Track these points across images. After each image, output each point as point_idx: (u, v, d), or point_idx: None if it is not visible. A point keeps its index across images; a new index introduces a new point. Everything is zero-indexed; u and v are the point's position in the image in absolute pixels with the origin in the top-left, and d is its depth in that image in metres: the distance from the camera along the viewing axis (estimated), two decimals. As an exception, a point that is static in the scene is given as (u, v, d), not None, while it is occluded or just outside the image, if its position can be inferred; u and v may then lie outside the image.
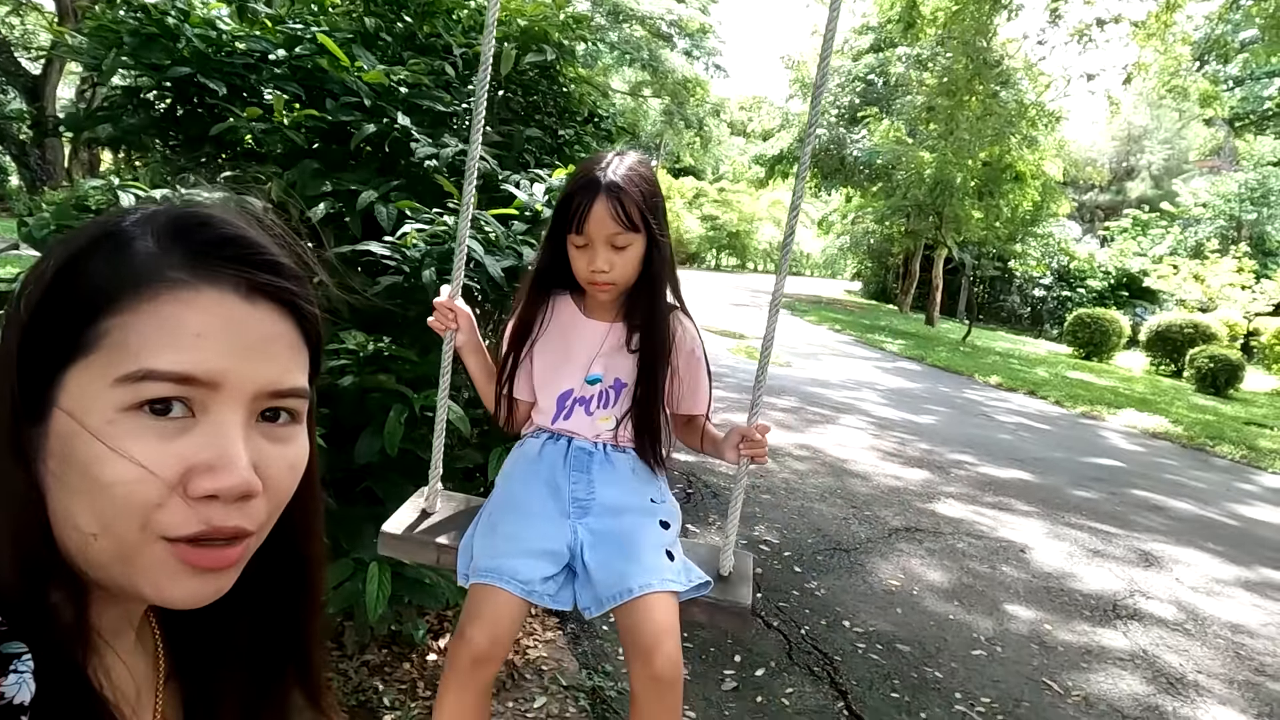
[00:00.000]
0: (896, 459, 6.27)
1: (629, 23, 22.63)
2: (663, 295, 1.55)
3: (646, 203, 1.45)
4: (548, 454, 1.59)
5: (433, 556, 1.66)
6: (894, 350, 15.05)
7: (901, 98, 19.84)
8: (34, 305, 0.48)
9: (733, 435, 1.57)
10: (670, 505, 1.62)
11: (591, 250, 1.45)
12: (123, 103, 3.06)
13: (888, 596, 3.60)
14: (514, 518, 1.54)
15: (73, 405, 0.47)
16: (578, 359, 1.57)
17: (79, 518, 0.47)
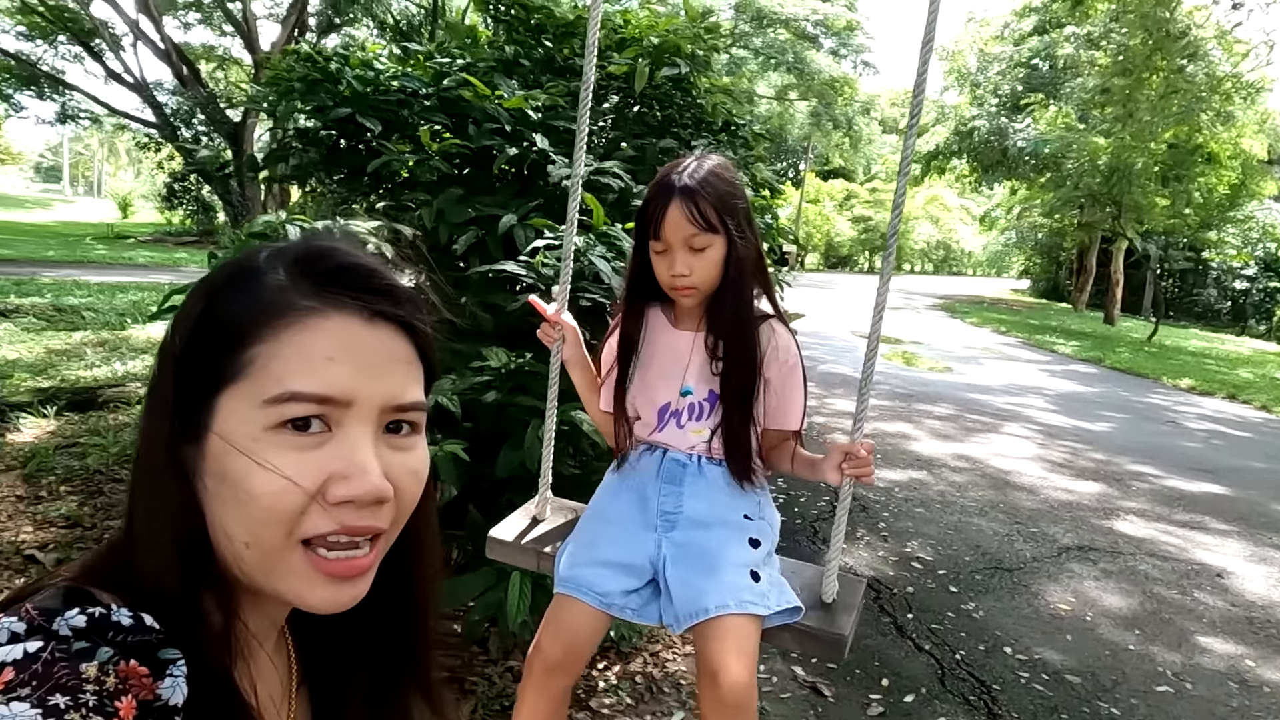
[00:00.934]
0: (1067, 470, 5.79)
1: (773, 27, 22.38)
2: (746, 300, 1.47)
3: (723, 203, 1.40)
4: (642, 465, 1.56)
5: (533, 562, 1.67)
6: (1066, 352, 13.96)
7: (1070, 81, 18.42)
8: (185, 339, 0.54)
9: (834, 454, 1.44)
10: (765, 523, 1.53)
11: (671, 254, 1.42)
12: (295, 143, 3.37)
13: (1056, 622, 3.32)
14: (596, 527, 1.53)
15: (225, 427, 0.52)
16: (670, 371, 1.53)
17: (232, 528, 0.52)
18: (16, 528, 3.03)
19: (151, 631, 0.47)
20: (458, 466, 2.23)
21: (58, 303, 8.05)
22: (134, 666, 0.45)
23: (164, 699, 0.46)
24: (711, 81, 3.81)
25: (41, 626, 0.44)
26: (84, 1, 15.48)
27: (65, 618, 0.45)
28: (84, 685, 0.42)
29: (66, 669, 0.42)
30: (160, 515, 0.53)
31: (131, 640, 0.46)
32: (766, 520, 1.54)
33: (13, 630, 0.43)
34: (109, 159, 61.71)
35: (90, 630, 0.45)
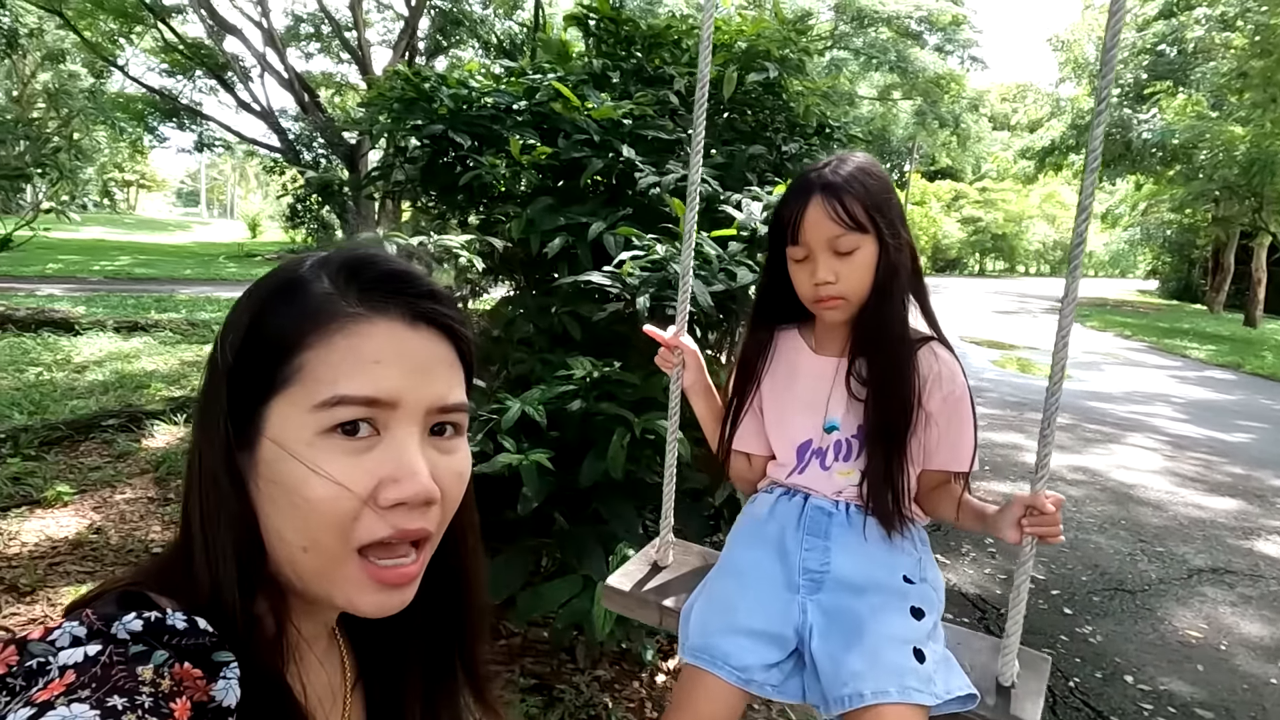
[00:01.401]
0: (1198, 485, 5.35)
1: (874, 26, 21.83)
2: (899, 314, 1.25)
3: (872, 198, 1.21)
4: (780, 513, 1.35)
5: (655, 618, 1.50)
6: (1200, 357, 12.96)
7: (1201, 66, 17.15)
8: (236, 350, 0.55)
9: (1013, 508, 1.20)
10: (929, 586, 1.29)
11: (812, 260, 1.23)
12: (393, 160, 3.51)
13: (1184, 650, 3.06)
14: (732, 587, 1.32)
15: (278, 433, 0.53)
16: (811, 403, 1.33)
17: (288, 533, 0.54)
18: (147, 527, 3.26)
19: (205, 635, 0.49)
20: (542, 476, 2.25)
21: (191, 318, 8.68)
22: (188, 669, 0.46)
23: (218, 700, 0.47)
24: (805, 84, 3.74)
25: (101, 630, 0.46)
26: (218, 38, 16.68)
27: (123, 622, 0.46)
28: (140, 687, 0.43)
29: (124, 671, 0.44)
30: (218, 522, 0.54)
31: (186, 643, 0.47)
32: (930, 583, 1.30)
33: (74, 634, 0.45)
34: (240, 183, 66.25)
35: (147, 634, 0.46)
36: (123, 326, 7.64)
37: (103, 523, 3.24)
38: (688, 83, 3.47)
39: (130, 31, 19.20)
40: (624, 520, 2.43)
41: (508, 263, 3.23)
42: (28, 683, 0.43)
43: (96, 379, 5.59)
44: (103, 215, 37.01)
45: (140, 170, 50.90)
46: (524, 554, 2.42)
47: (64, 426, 4.26)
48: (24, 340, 6.67)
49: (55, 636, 0.45)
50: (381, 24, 21.67)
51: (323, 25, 19.92)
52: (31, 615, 2.51)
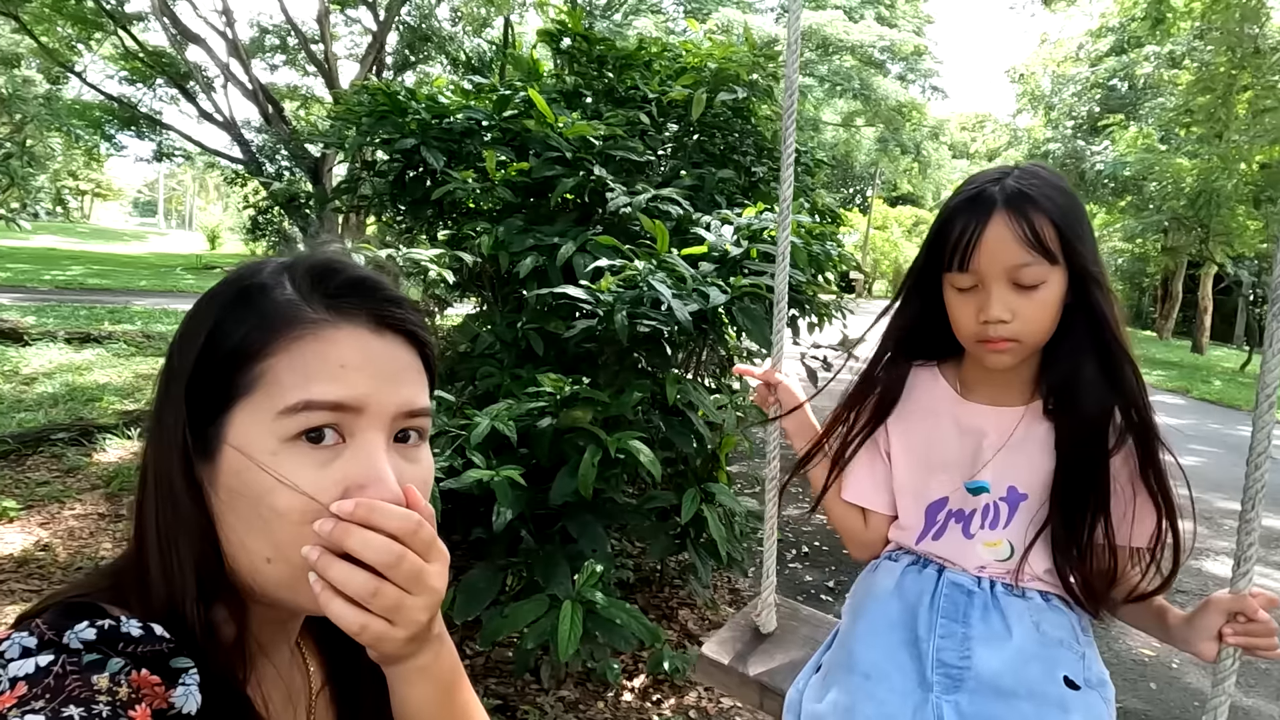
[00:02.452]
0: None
1: (839, 54, 22.29)
2: (1115, 365, 1.03)
3: (1069, 222, 0.98)
4: (909, 587, 1.13)
5: (755, 699, 1.33)
6: (1150, 382, 13.31)
7: (1150, 100, 17.80)
8: (195, 357, 0.54)
9: (1211, 612, 0.99)
10: (1095, 693, 1.04)
11: (983, 291, 1.00)
12: (361, 174, 3.48)
13: (1138, 668, 3.13)
14: (853, 683, 1.09)
15: (241, 441, 0.52)
16: (955, 458, 1.12)
17: (252, 543, 0.52)
18: (96, 543, 3.16)
19: (162, 641, 0.48)
20: (514, 491, 2.23)
21: (147, 330, 8.48)
22: (146, 676, 0.45)
23: (177, 707, 0.46)
24: (772, 109, 3.81)
25: (52, 640, 0.45)
26: (180, 46, 16.44)
27: (75, 631, 0.45)
28: (96, 696, 0.42)
29: (79, 681, 0.43)
30: (176, 532, 0.53)
31: (142, 650, 0.46)
32: (1096, 687, 1.04)
33: (24, 645, 0.44)
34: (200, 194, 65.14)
35: (100, 642, 0.45)
36: (74, 338, 7.43)
37: (50, 539, 3.13)
38: (658, 102, 3.50)
39: (89, 38, 18.83)
40: (593, 539, 2.42)
41: (476, 278, 3.22)
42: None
43: (46, 391, 5.42)
44: (55, 224, 36.06)
45: (96, 179, 49.77)
46: (491, 573, 2.39)
47: (10, 440, 4.12)
48: (-31, 350, 6.45)
49: (4, 648, 0.44)
50: (349, 38, 21.56)
51: (289, 37, 19.73)
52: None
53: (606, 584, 2.31)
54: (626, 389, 2.62)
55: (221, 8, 15.74)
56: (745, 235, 2.62)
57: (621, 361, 2.92)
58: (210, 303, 0.56)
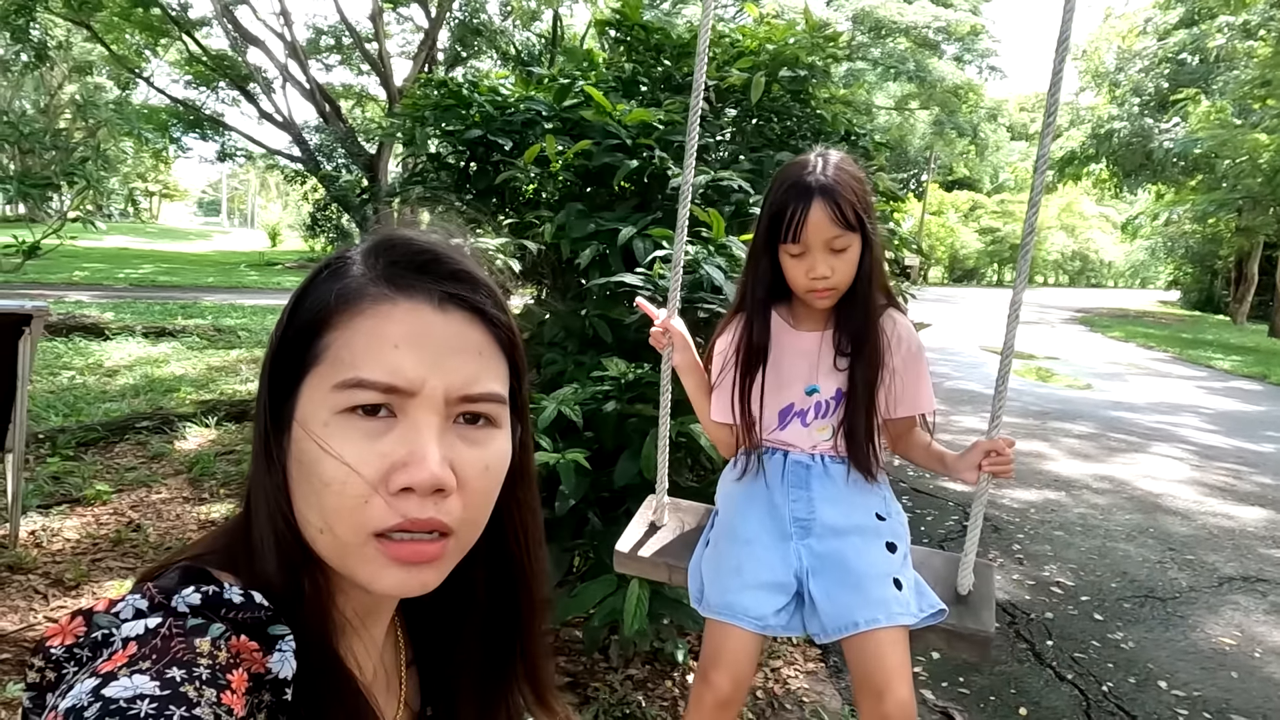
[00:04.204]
0: (1227, 495, 5.30)
1: (891, 36, 21.85)
2: (875, 296, 1.45)
3: (860, 200, 1.37)
4: (765, 470, 1.52)
5: (664, 575, 1.66)
6: (1225, 368, 12.83)
7: (1224, 74, 17.03)
8: (280, 330, 0.56)
9: (973, 452, 1.43)
10: (896, 521, 1.50)
11: (810, 257, 1.38)
12: (429, 167, 3.56)
13: (1218, 657, 3.04)
14: (738, 549, 1.48)
15: (303, 414, 0.53)
16: (796, 372, 1.50)
17: (310, 515, 0.53)
18: (183, 525, 3.32)
19: (261, 608, 0.50)
20: (579, 475, 2.27)
21: (217, 324, 8.79)
22: (244, 641, 0.47)
23: (274, 672, 0.48)
24: (831, 92, 3.77)
25: (161, 603, 0.47)
26: (241, 49, 16.93)
27: (182, 595, 0.48)
28: (198, 659, 0.44)
29: (183, 643, 0.45)
30: (261, 502, 0.55)
31: (242, 617, 0.49)
32: (895, 518, 1.51)
33: (137, 607, 0.47)
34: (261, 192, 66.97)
35: (205, 607, 0.48)
36: (150, 332, 7.75)
37: (141, 520, 3.30)
38: (716, 88, 3.50)
39: (156, 44, 19.49)
40: (657, 520, 2.46)
41: (539, 266, 3.27)
42: (93, 654, 0.44)
43: (127, 383, 5.68)
44: (125, 225, 37.53)
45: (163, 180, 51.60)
46: (559, 554, 2.45)
47: (99, 428, 4.34)
48: (56, 345, 6.78)
49: (119, 609, 0.47)
50: (401, 35, 21.91)
51: (343, 37, 20.16)
52: (90, 605, 2.56)
53: (673, 564, 2.34)
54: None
55: (279, 9, 16.14)
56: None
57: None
58: (302, 284, 0.58)
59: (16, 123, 15.38)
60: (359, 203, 17.91)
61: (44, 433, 4.13)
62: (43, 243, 12.19)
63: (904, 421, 1.52)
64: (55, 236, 12.39)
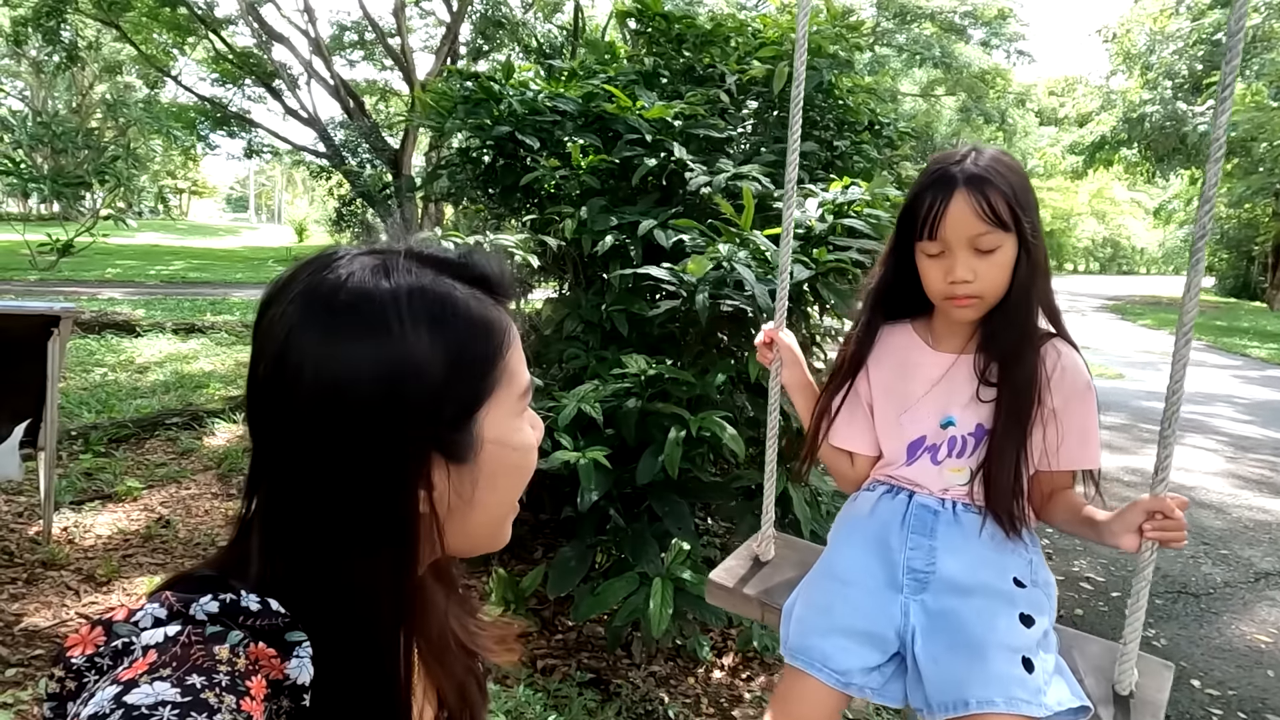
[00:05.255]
0: (1263, 488, 5.18)
1: (917, 22, 21.52)
2: (1033, 315, 1.22)
3: (1017, 195, 1.17)
4: (882, 511, 1.31)
5: (757, 613, 1.50)
6: (1261, 356, 12.54)
7: (1260, 56, 16.59)
8: (437, 386, 0.54)
9: (1132, 512, 1.15)
10: (1040, 592, 1.22)
11: (950, 257, 1.18)
12: (455, 161, 3.57)
13: (1254, 655, 2.97)
14: (832, 587, 1.28)
15: (496, 432, 0.59)
16: (929, 399, 1.28)
17: (507, 505, 0.63)
18: (211, 521, 3.36)
19: (278, 615, 0.50)
20: (599, 472, 2.27)
21: (245, 320, 8.90)
22: (263, 648, 0.48)
23: (292, 678, 0.48)
24: (854, 81, 3.72)
25: (180, 611, 0.48)
26: (266, 47, 17.08)
27: (200, 603, 0.48)
28: (218, 666, 0.45)
29: (202, 651, 0.45)
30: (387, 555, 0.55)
31: (260, 624, 0.49)
32: (1040, 587, 1.23)
33: (156, 615, 0.47)
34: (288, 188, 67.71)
35: (223, 615, 0.48)
36: (180, 328, 7.87)
37: (170, 516, 3.35)
38: (738, 80, 3.47)
39: (183, 43, 19.73)
40: (678, 517, 2.45)
41: (560, 261, 3.27)
42: (114, 662, 0.45)
43: (158, 379, 5.77)
44: (156, 221, 38.13)
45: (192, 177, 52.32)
46: (582, 551, 2.44)
47: (131, 425, 4.41)
48: (89, 342, 6.90)
49: (138, 617, 0.47)
50: (423, 30, 21.99)
51: (366, 32, 20.26)
52: (109, 604, 2.61)
53: (694, 562, 2.33)
54: (711, 369, 2.63)
55: (304, 6, 16.26)
56: (830, 210, 2.58)
57: (705, 342, 2.92)
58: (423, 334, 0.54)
59: (50, 123, 15.68)
60: (383, 197, 18.08)
61: (77, 429, 4.20)
62: (76, 240, 12.44)
63: (1058, 477, 1.26)
64: (88, 234, 12.64)
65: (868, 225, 2.52)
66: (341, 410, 0.51)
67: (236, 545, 0.58)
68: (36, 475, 3.08)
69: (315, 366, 0.51)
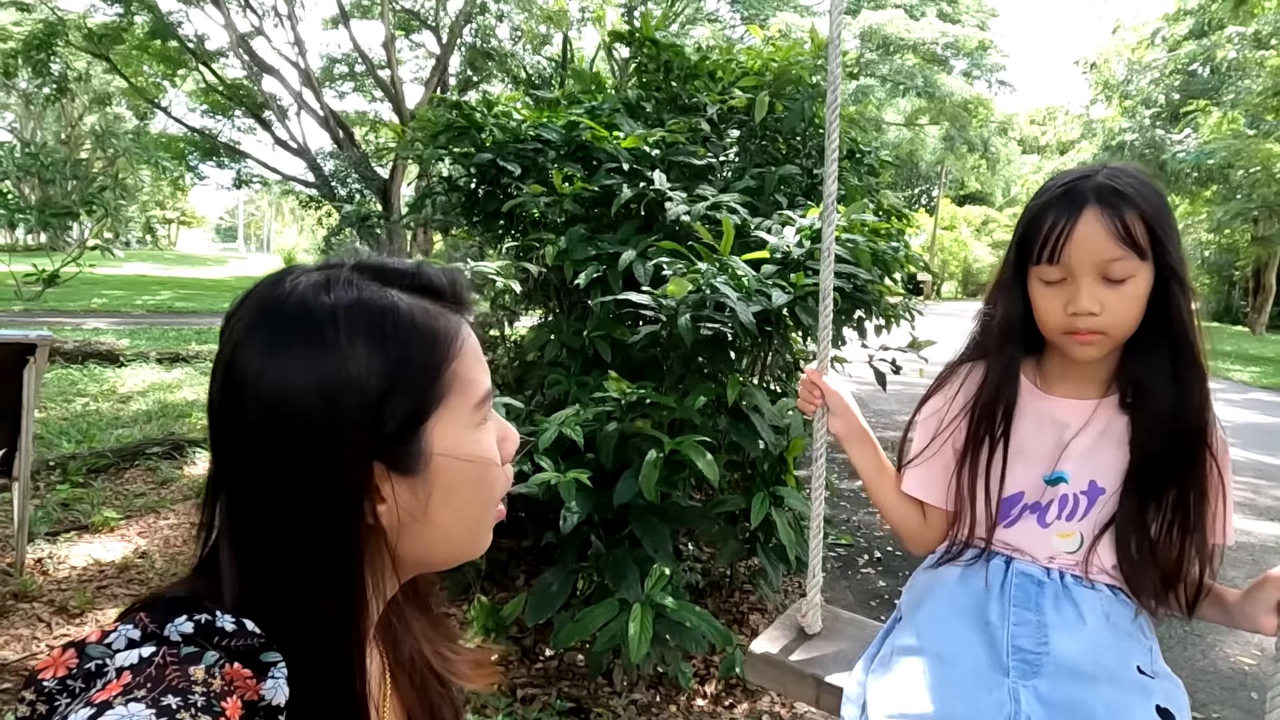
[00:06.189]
0: (1247, 510, 5.20)
1: (900, 53, 21.90)
2: (1193, 362, 1.03)
3: (1156, 217, 0.99)
4: (974, 577, 1.13)
5: (811, 695, 1.34)
6: (1243, 379, 12.66)
7: (1235, 84, 16.95)
8: (377, 398, 0.54)
9: (1269, 588, 1.02)
10: (1169, 682, 1.05)
11: (1072, 284, 1.01)
12: (438, 189, 3.59)
13: (1237, 676, 2.97)
14: (928, 665, 1.07)
15: (446, 443, 0.58)
16: (1037, 450, 1.11)
17: (466, 523, 0.61)
18: (190, 551, 3.32)
19: (253, 636, 0.50)
20: (581, 493, 2.26)
21: (231, 349, 8.85)
22: (238, 669, 0.47)
23: (267, 699, 0.48)
24: (836, 110, 3.77)
25: (154, 633, 0.48)
26: (256, 78, 17.20)
27: (175, 624, 0.48)
28: (193, 687, 0.45)
29: (177, 672, 0.45)
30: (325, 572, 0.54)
31: (235, 644, 0.49)
32: (1166, 679, 1.06)
33: (130, 637, 0.47)
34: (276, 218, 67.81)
35: (198, 635, 0.48)
36: (165, 358, 7.82)
37: (148, 547, 3.31)
38: (719, 110, 3.52)
39: (174, 75, 19.88)
40: (658, 542, 2.43)
41: (543, 288, 3.28)
42: (86, 684, 0.45)
43: (140, 408, 5.72)
44: (144, 251, 38.08)
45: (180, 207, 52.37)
46: (562, 577, 2.43)
47: (110, 454, 4.36)
48: (71, 372, 6.85)
49: (111, 639, 0.47)
50: (413, 61, 22.20)
51: (356, 64, 20.45)
52: (81, 636, 2.56)
53: (675, 587, 2.31)
54: (691, 393, 2.63)
55: (294, 39, 16.40)
56: (807, 236, 2.61)
57: (686, 366, 2.93)
58: (360, 345, 0.54)
59: (38, 154, 15.69)
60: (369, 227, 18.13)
61: (55, 460, 4.16)
62: (62, 271, 12.39)
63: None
64: (74, 264, 12.59)
65: (845, 250, 2.54)
66: (282, 422, 0.52)
67: (207, 563, 0.58)
68: (11, 506, 3.03)
69: (257, 379, 0.52)
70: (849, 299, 2.60)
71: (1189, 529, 1.04)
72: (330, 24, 21.12)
